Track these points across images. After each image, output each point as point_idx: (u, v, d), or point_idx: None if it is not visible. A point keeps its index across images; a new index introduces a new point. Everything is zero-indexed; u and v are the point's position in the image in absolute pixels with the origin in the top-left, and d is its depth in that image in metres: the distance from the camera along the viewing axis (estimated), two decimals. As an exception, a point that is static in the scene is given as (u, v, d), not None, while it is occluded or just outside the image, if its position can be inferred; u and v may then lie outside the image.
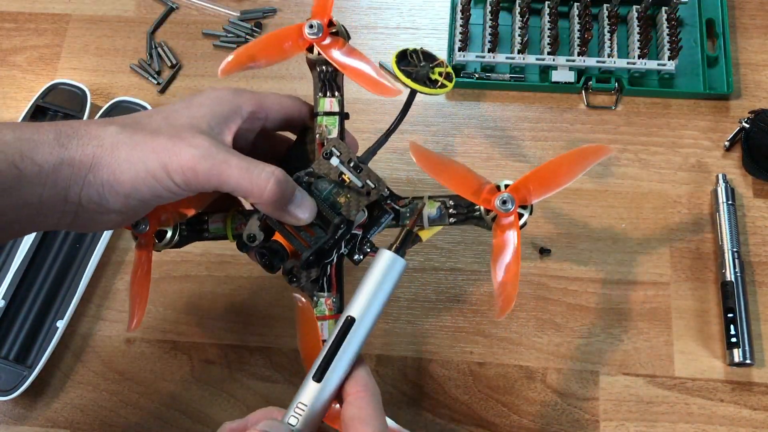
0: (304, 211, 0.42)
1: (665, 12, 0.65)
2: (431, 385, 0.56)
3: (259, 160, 0.40)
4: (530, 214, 0.44)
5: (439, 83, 0.43)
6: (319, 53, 0.47)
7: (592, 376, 0.56)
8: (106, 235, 0.60)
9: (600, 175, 0.62)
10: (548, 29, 0.65)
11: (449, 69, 0.44)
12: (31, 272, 0.59)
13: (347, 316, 0.39)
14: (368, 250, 0.46)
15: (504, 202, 0.43)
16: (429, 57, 0.44)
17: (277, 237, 0.45)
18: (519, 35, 0.65)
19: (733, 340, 0.55)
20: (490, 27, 0.65)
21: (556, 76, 0.64)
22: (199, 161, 0.38)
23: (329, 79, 0.49)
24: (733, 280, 0.56)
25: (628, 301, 0.58)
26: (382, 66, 0.67)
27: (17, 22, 0.70)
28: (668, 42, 0.63)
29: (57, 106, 0.64)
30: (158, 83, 0.67)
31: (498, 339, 0.57)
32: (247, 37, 0.68)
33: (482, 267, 0.59)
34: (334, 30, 0.47)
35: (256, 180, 0.39)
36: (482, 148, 0.63)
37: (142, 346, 0.58)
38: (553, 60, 0.64)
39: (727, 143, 0.62)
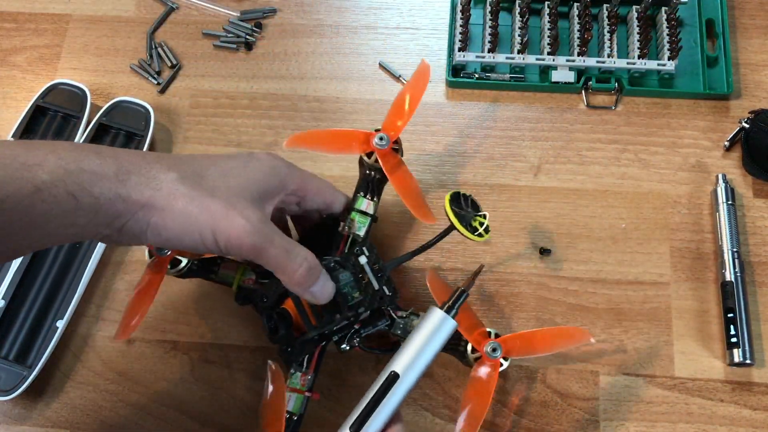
0: (322, 296, 0.45)
1: (665, 12, 0.65)
2: (431, 385, 0.56)
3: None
4: (507, 366, 0.50)
5: (477, 231, 0.48)
6: (376, 160, 0.52)
7: (592, 376, 0.56)
8: (106, 235, 0.60)
9: (600, 175, 0.62)
10: (548, 29, 0.65)
11: (488, 222, 0.49)
12: (31, 272, 0.59)
13: (391, 372, 0.41)
14: (356, 344, 0.50)
15: (494, 350, 0.50)
16: (475, 206, 0.50)
17: (287, 306, 0.49)
18: (519, 35, 0.65)
19: (733, 340, 0.55)
20: (490, 27, 0.65)
21: (556, 76, 0.64)
22: (248, 235, 0.41)
23: (374, 183, 0.54)
24: (733, 280, 0.56)
25: (628, 301, 0.58)
26: (381, 66, 0.67)
27: (17, 22, 0.70)
28: (668, 42, 0.63)
29: (57, 106, 0.64)
30: (158, 83, 0.67)
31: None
32: (248, 37, 0.68)
33: (482, 267, 0.59)
34: (396, 147, 0.53)
35: (292, 263, 0.43)
36: (482, 148, 0.63)
37: (142, 346, 0.58)
38: (553, 60, 0.64)
39: (727, 143, 0.62)
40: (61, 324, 0.57)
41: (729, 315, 0.55)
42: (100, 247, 0.59)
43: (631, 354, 0.56)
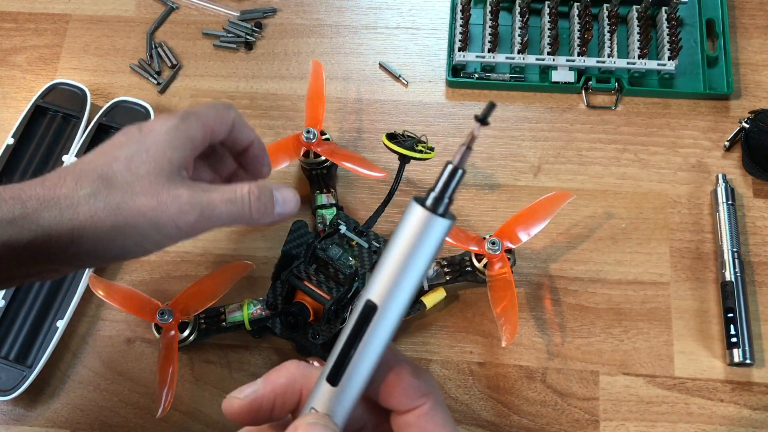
0: (288, 204, 0.44)
1: (665, 12, 0.65)
2: (431, 385, 0.56)
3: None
4: (514, 262, 0.53)
5: (424, 151, 0.53)
6: (313, 157, 0.58)
7: (592, 376, 0.56)
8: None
9: (600, 175, 0.62)
10: (548, 29, 0.65)
11: (429, 144, 0.54)
12: (31, 272, 0.59)
13: (366, 301, 0.28)
14: None
15: (493, 243, 0.52)
16: (411, 137, 0.54)
17: (299, 299, 0.51)
18: (519, 35, 0.65)
19: (733, 340, 0.55)
20: (490, 27, 0.65)
21: (556, 76, 0.64)
22: (188, 212, 0.39)
23: (321, 178, 0.59)
24: (733, 280, 0.56)
25: (628, 301, 0.58)
26: (381, 66, 0.67)
27: (17, 22, 0.70)
28: (668, 42, 0.63)
29: (57, 106, 0.64)
30: (158, 83, 0.67)
31: (498, 339, 0.57)
32: (248, 37, 0.68)
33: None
34: (325, 136, 0.59)
35: (242, 204, 0.41)
36: (482, 148, 0.63)
37: (142, 346, 0.58)
38: (553, 60, 0.64)
39: (727, 143, 0.62)
40: (61, 324, 0.57)
41: (729, 315, 0.55)
42: (100, 247, 0.59)
43: (631, 354, 0.56)
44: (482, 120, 0.27)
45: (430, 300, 0.55)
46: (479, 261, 0.54)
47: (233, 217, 0.41)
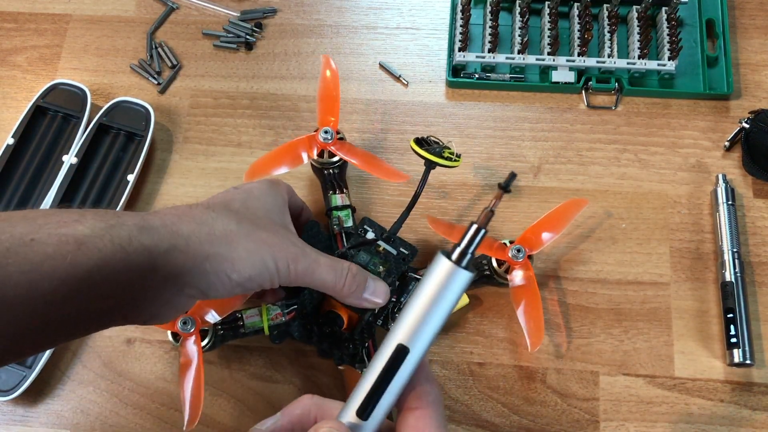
0: (378, 297, 0.46)
1: (665, 12, 0.65)
2: (431, 385, 0.56)
3: None
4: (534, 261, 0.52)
5: (452, 158, 0.51)
6: (329, 157, 0.57)
7: (592, 376, 0.56)
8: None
9: (600, 175, 0.62)
10: (548, 29, 0.65)
11: (455, 151, 0.52)
12: (31, 272, 0.59)
13: (398, 345, 0.32)
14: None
15: (518, 251, 0.53)
16: (437, 142, 0.54)
17: (328, 307, 0.51)
18: (519, 35, 0.65)
19: (733, 340, 0.55)
20: (490, 27, 0.65)
21: (556, 76, 0.64)
22: (300, 259, 0.42)
23: (335, 179, 0.57)
24: (733, 280, 0.56)
25: (628, 301, 0.58)
26: (381, 66, 0.67)
27: (17, 22, 0.70)
28: (668, 42, 0.63)
29: (57, 106, 0.64)
30: (158, 83, 0.67)
31: (498, 339, 0.57)
32: (248, 37, 0.68)
33: (482, 267, 0.59)
34: (340, 135, 0.57)
35: (340, 276, 0.44)
36: (482, 148, 0.63)
37: (142, 346, 0.58)
38: (553, 60, 0.64)
39: (727, 143, 0.62)
40: (61, 324, 0.57)
41: (729, 315, 0.55)
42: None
43: (631, 354, 0.56)
44: (505, 188, 0.34)
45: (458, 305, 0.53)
46: (500, 265, 0.54)
47: (329, 284, 0.43)
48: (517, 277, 0.53)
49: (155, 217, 0.37)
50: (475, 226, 0.33)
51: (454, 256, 0.32)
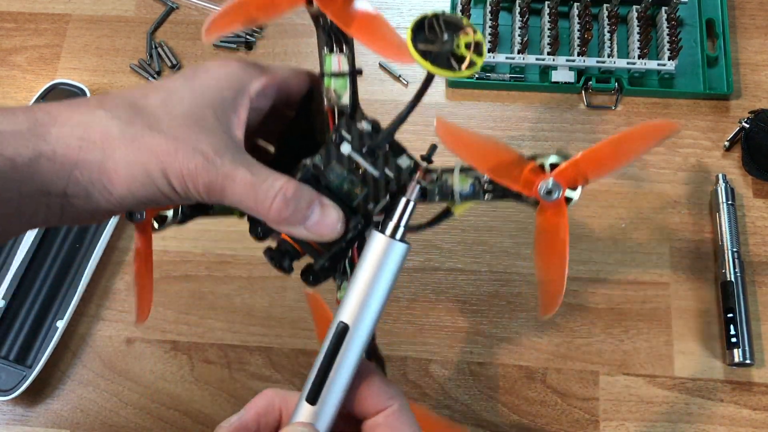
0: (320, 230, 0.36)
1: (665, 12, 0.65)
2: (431, 385, 0.56)
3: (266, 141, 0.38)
4: (579, 196, 0.38)
5: (467, 60, 0.32)
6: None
7: (592, 376, 0.56)
8: (106, 235, 0.60)
9: (600, 175, 0.62)
10: (548, 29, 0.65)
11: (478, 36, 0.32)
12: (31, 272, 0.59)
13: (339, 323, 0.32)
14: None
15: (549, 193, 0.37)
16: (452, 25, 0.33)
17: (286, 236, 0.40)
18: (519, 35, 0.65)
19: (733, 340, 0.55)
20: (490, 27, 0.65)
21: (556, 76, 0.64)
22: (201, 173, 0.33)
23: (336, 31, 0.41)
24: (733, 280, 0.56)
25: (628, 301, 0.58)
26: (381, 66, 0.67)
27: (17, 22, 0.70)
28: (668, 42, 0.63)
29: (57, 106, 0.64)
30: (158, 83, 0.67)
31: (498, 339, 0.57)
32: (248, 37, 0.68)
33: (482, 267, 0.59)
34: None
35: (262, 199, 0.34)
36: (482, 148, 0.63)
37: (142, 346, 0.58)
38: (553, 60, 0.64)
39: (727, 143, 0.62)
40: (61, 324, 0.57)
41: (729, 315, 0.55)
42: (100, 247, 0.59)
43: (631, 354, 0.56)
44: (427, 159, 0.35)
45: (461, 210, 0.43)
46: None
47: (246, 206, 0.34)
48: (545, 220, 0.39)
49: (26, 116, 0.33)
50: (404, 200, 0.33)
51: (388, 231, 0.32)
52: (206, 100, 0.35)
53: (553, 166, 0.37)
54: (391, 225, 0.32)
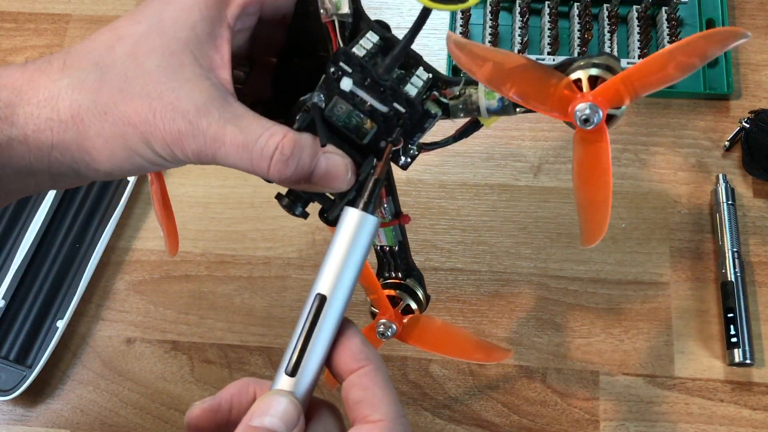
0: (330, 182, 0.33)
1: (665, 12, 0.65)
2: (431, 385, 0.56)
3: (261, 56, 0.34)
4: (624, 113, 0.34)
5: None
6: None
7: (592, 376, 0.56)
8: (106, 235, 0.60)
9: (600, 175, 0.62)
10: (548, 29, 0.65)
11: None
12: (31, 272, 0.59)
13: (316, 295, 0.32)
14: (416, 152, 0.38)
15: (586, 121, 0.32)
16: None
17: None
18: (519, 35, 0.65)
19: (733, 340, 0.55)
20: (490, 27, 0.65)
21: (556, 76, 0.64)
22: (186, 139, 0.30)
23: None
24: (733, 280, 0.56)
25: (628, 301, 0.58)
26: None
27: (17, 22, 0.70)
28: (668, 42, 0.63)
29: (57, 106, 0.64)
30: (158, 83, 0.67)
31: (498, 339, 0.57)
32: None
33: (482, 267, 0.59)
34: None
35: (258, 160, 0.31)
36: (482, 148, 0.63)
37: (142, 346, 0.58)
38: (553, 60, 0.64)
39: (727, 143, 0.62)
40: (61, 324, 0.57)
41: (729, 315, 0.55)
42: (100, 247, 0.59)
43: (631, 354, 0.56)
44: (393, 142, 0.35)
45: (490, 123, 0.42)
46: None
47: (243, 169, 0.31)
48: (582, 147, 0.35)
49: None
50: (374, 179, 0.33)
51: (360, 206, 0.32)
52: (180, 43, 0.31)
53: (593, 80, 0.31)
54: (362, 202, 0.32)
